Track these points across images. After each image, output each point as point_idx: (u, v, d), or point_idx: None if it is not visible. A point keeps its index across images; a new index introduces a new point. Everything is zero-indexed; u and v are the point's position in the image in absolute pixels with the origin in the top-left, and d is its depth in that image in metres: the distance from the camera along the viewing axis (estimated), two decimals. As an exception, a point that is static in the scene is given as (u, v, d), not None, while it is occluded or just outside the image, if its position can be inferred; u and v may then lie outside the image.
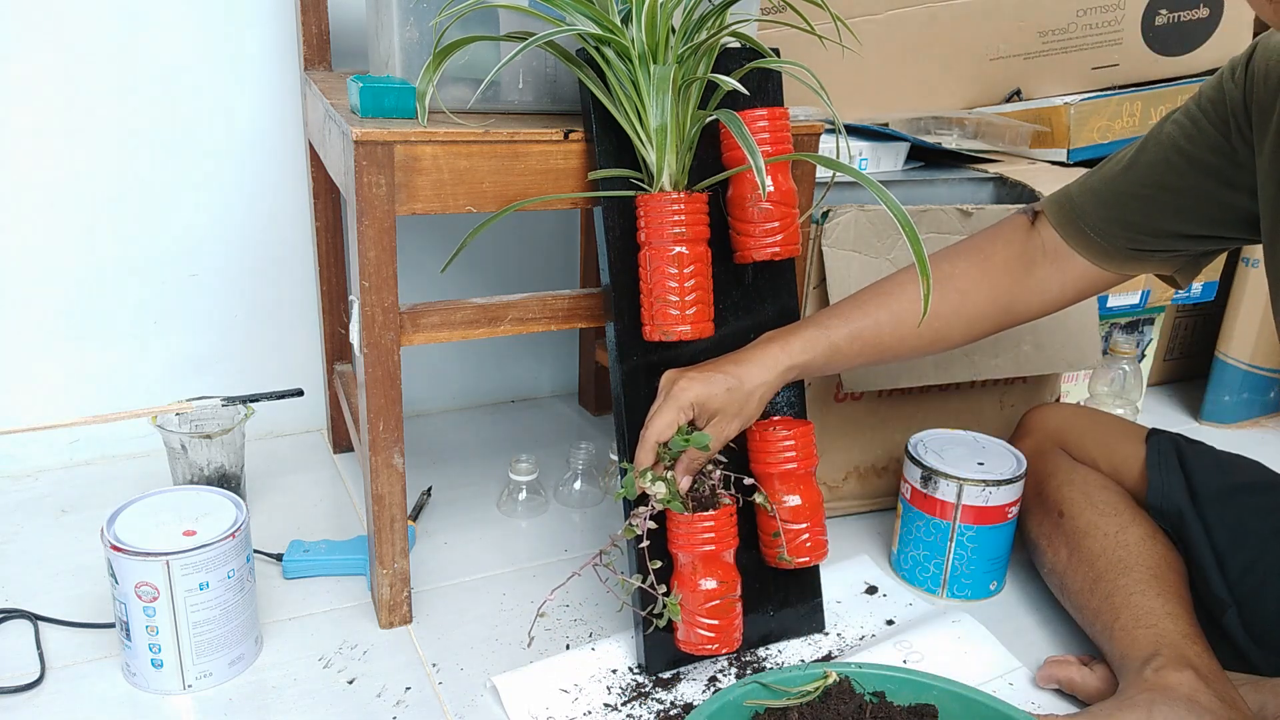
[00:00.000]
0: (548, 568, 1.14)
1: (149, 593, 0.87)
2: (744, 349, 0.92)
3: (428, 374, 1.53)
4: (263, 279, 1.36)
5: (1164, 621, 0.90)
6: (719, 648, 0.89)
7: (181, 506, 0.94)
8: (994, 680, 0.97)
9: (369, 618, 1.03)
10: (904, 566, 1.14)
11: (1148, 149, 0.91)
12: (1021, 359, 1.21)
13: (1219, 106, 0.86)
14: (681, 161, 0.87)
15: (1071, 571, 1.02)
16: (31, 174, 1.20)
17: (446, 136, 0.87)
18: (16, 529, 1.17)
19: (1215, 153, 0.86)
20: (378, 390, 0.92)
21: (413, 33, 0.91)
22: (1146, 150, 0.91)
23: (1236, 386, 1.60)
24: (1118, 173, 0.92)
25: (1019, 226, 0.96)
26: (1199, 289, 1.54)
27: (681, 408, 0.87)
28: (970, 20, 1.43)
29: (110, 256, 1.27)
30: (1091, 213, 0.93)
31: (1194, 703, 0.81)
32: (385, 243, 0.88)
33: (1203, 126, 0.87)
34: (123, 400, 1.32)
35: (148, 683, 0.90)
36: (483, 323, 0.96)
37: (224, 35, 1.24)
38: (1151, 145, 0.91)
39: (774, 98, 0.97)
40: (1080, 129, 1.39)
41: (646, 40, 0.82)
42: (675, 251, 0.86)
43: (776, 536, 0.94)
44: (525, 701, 0.90)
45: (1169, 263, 0.94)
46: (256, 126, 1.29)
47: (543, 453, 1.37)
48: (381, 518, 0.97)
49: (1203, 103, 0.88)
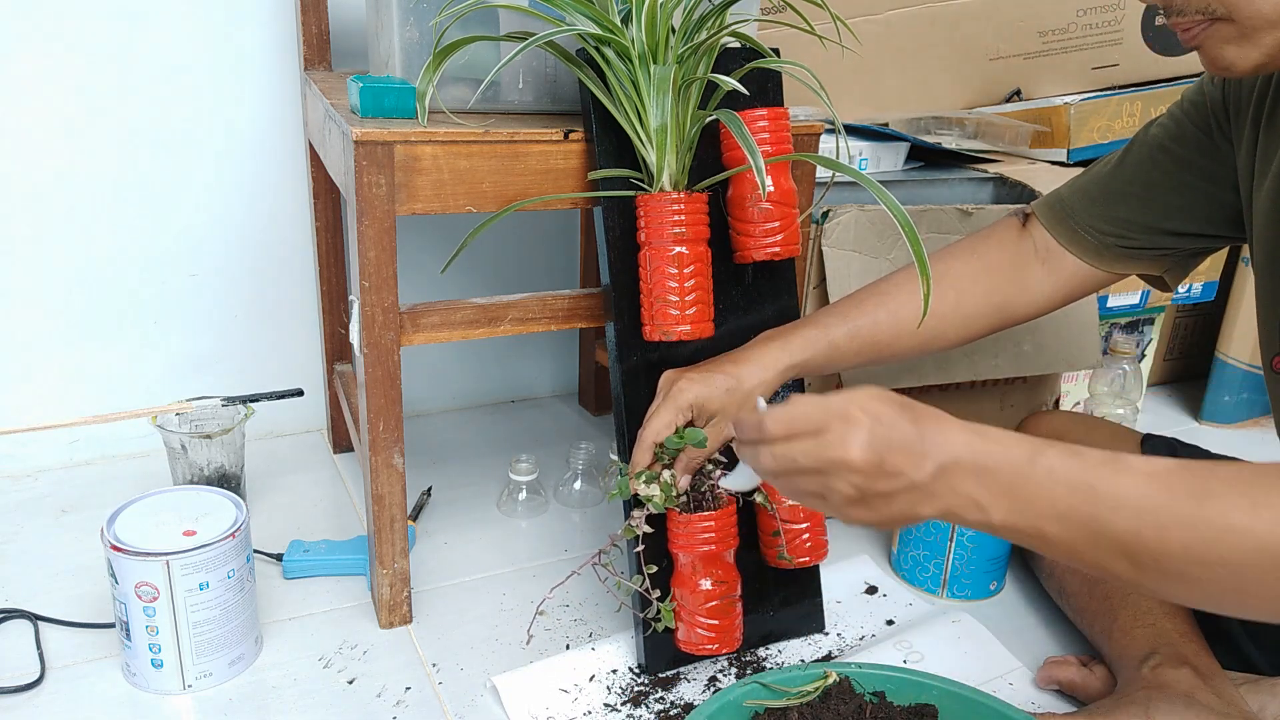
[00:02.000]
0: (548, 568, 1.14)
1: (149, 593, 0.87)
2: (742, 348, 0.92)
3: (428, 374, 1.53)
4: (263, 279, 1.36)
5: (1162, 620, 0.90)
6: (719, 648, 0.89)
7: (181, 506, 0.93)
8: (994, 680, 0.97)
9: (369, 618, 1.03)
10: (904, 566, 1.14)
11: (1134, 149, 0.94)
12: (1021, 359, 1.21)
13: (1200, 109, 0.89)
14: (681, 161, 0.87)
15: (1070, 574, 1.02)
16: (32, 174, 1.20)
17: (446, 136, 0.87)
18: (16, 529, 1.17)
19: (1199, 151, 0.89)
20: (378, 390, 0.92)
21: (413, 33, 0.91)
22: (1133, 151, 0.94)
23: (1236, 386, 1.60)
24: (1107, 172, 0.95)
25: (1010, 228, 0.98)
26: (1199, 289, 1.54)
27: (680, 408, 0.87)
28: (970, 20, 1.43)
29: (110, 256, 1.27)
30: (1082, 211, 0.94)
31: (1192, 700, 0.81)
32: (385, 243, 0.88)
33: (1186, 128, 0.90)
34: (123, 400, 1.32)
35: (148, 683, 0.90)
36: (483, 323, 0.96)
37: (224, 35, 1.24)
38: (1138, 146, 0.93)
39: (774, 98, 0.97)
40: (1080, 129, 1.39)
41: (646, 40, 0.82)
42: (675, 251, 0.86)
43: (776, 536, 0.94)
44: (525, 701, 0.90)
45: (1159, 262, 0.96)
46: (256, 126, 1.29)
47: (543, 453, 1.37)
48: (381, 518, 0.97)
49: (1185, 106, 0.91)
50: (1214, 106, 0.88)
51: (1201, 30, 0.69)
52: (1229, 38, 0.68)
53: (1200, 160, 0.89)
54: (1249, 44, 0.67)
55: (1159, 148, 0.91)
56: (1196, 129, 0.89)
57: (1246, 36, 0.67)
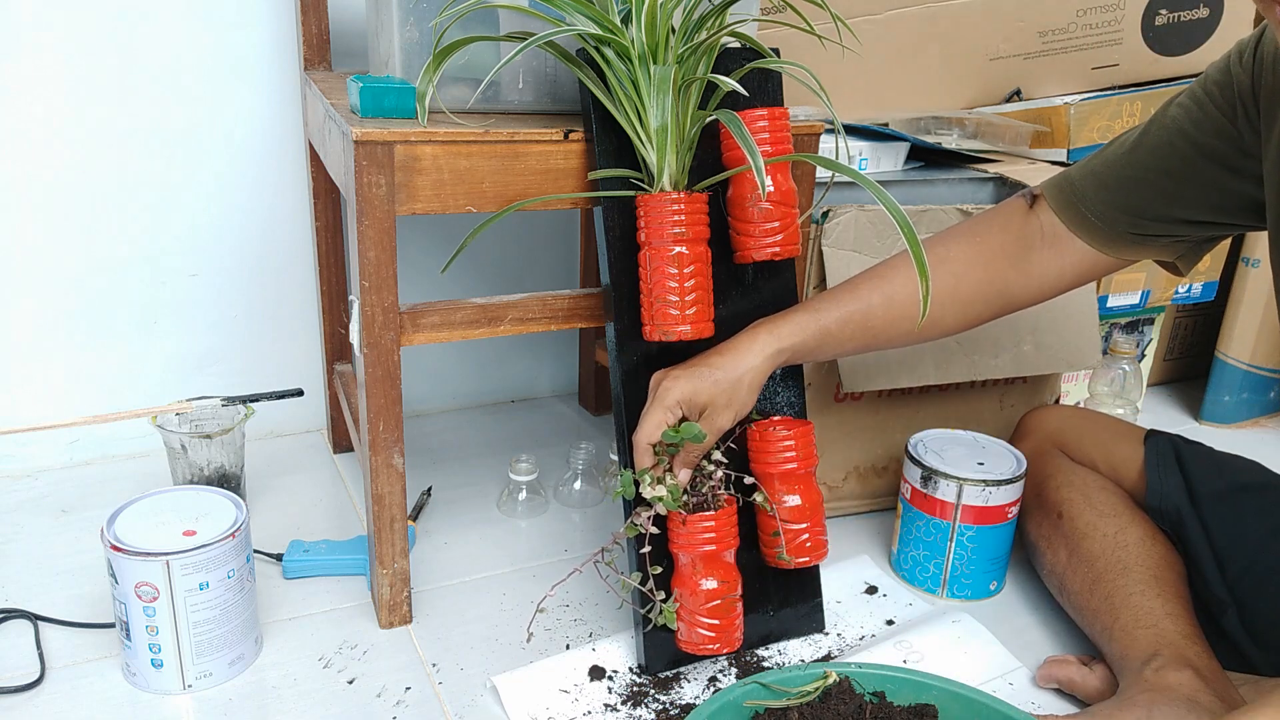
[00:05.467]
0: (548, 568, 1.14)
1: (149, 593, 0.87)
2: (732, 338, 0.91)
3: (428, 374, 1.53)
4: (263, 279, 1.36)
5: (1164, 622, 0.90)
6: (719, 648, 0.89)
7: (181, 506, 0.94)
8: (994, 680, 0.97)
9: (369, 618, 1.03)
10: (904, 566, 1.14)
11: (1151, 132, 0.89)
12: (1021, 359, 1.21)
13: (1225, 91, 0.85)
14: (681, 161, 0.87)
15: (1071, 573, 1.01)
16: (32, 173, 1.20)
17: (446, 136, 0.87)
18: (16, 529, 1.17)
19: (1220, 137, 0.85)
20: (378, 390, 0.92)
21: (413, 33, 0.91)
22: (1150, 134, 0.89)
23: (1236, 386, 1.60)
24: (1120, 156, 0.91)
25: (1016, 210, 0.95)
26: (1199, 289, 1.54)
27: (668, 407, 0.86)
28: (970, 20, 1.43)
29: (110, 256, 1.27)
30: (1093, 196, 0.91)
31: (1194, 703, 0.81)
32: (385, 243, 0.88)
33: (1208, 110, 0.86)
34: (123, 400, 1.32)
35: (148, 683, 0.90)
36: (483, 323, 0.96)
37: (224, 35, 1.24)
38: (1155, 129, 0.89)
39: (774, 98, 0.97)
40: (1080, 129, 1.39)
41: (646, 40, 0.82)
42: (675, 251, 0.86)
43: (776, 536, 0.94)
44: (525, 701, 0.90)
45: (1171, 248, 0.93)
46: (257, 126, 1.29)
47: (543, 453, 1.37)
48: (381, 518, 0.97)
49: (1209, 86, 0.86)
50: (1241, 91, 0.83)
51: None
52: None
53: (1221, 146, 0.85)
54: None
55: (1178, 131, 0.87)
56: (1220, 114, 0.85)
57: None
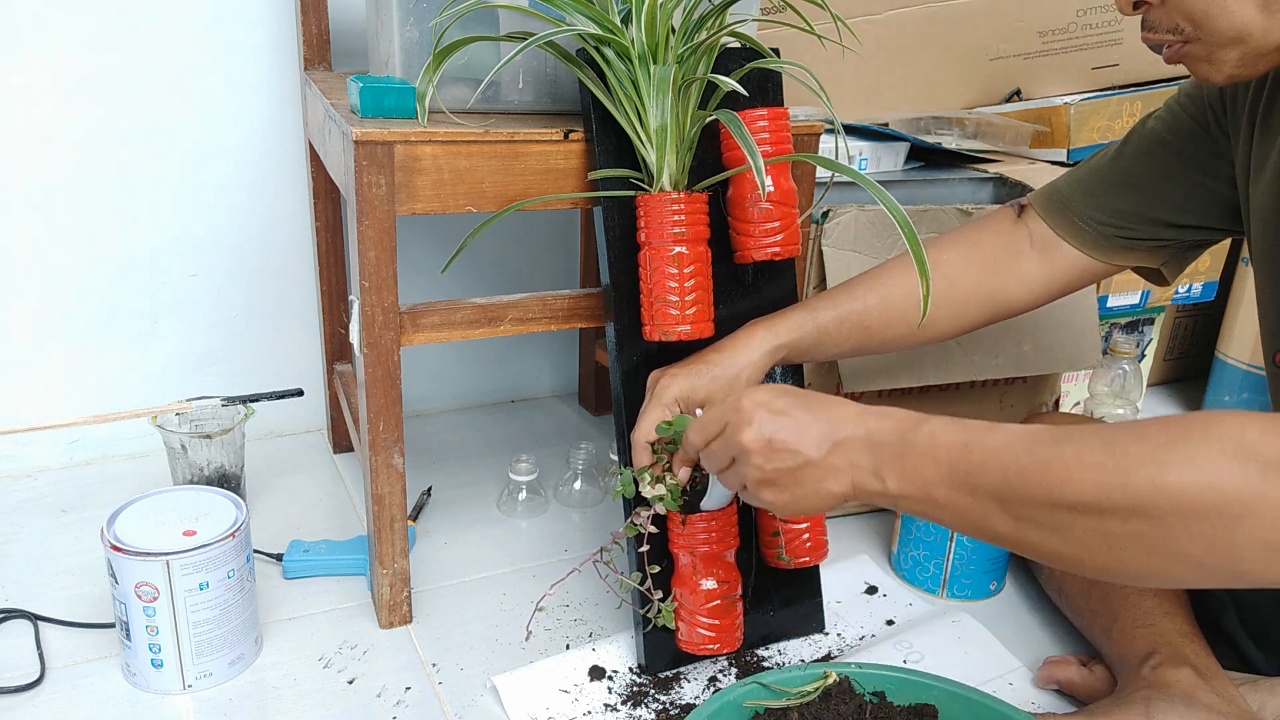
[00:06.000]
0: (548, 568, 1.14)
1: (149, 593, 0.87)
2: (729, 336, 0.92)
3: (428, 374, 1.53)
4: (263, 279, 1.36)
5: (1162, 620, 0.90)
6: (719, 648, 0.89)
7: (181, 506, 0.94)
8: (994, 680, 0.97)
9: (369, 618, 1.03)
10: (904, 566, 1.14)
11: (1131, 141, 0.94)
12: (1021, 359, 1.21)
13: (1197, 102, 0.90)
14: (681, 161, 0.87)
15: (1069, 575, 1.02)
16: (32, 173, 1.20)
17: (446, 136, 0.87)
18: (16, 529, 1.17)
19: (1196, 144, 0.90)
20: (378, 390, 0.92)
21: (413, 33, 0.91)
22: (1130, 143, 0.94)
23: (1236, 386, 1.60)
24: (1104, 164, 0.95)
25: (1005, 218, 0.98)
26: (1199, 289, 1.54)
27: (666, 405, 0.87)
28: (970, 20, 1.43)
29: (110, 256, 1.27)
30: (1080, 201, 0.95)
31: (1192, 700, 0.81)
32: (385, 243, 0.88)
33: (1183, 121, 0.91)
34: (123, 400, 1.32)
35: (148, 683, 0.90)
36: (483, 323, 0.96)
37: (224, 35, 1.24)
38: (1135, 138, 0.94)
39: (774, 98, 0.97)
40: (1080, 129, 1.39)
41: (646, 40, 0.82)
42: (675, 251, 0.86)
43: (776, 536, 0.94)
44: (525, 701, 0.90)
45: (1156, 253, 0.96)
46: (256, 126, 1.29)
47: (543, 453, 1.37)
48: (381, 518, 0.97)
49: (1182, 99, 0.92)
50: (1211, 100, 0.88)
51: (1176, 50, 0.74)
52: (1199, 56, 0.73)
53: (1197, 153, 0.90)
54: (1216, 62, 0.72)
55: (1157, 140, 0.92)
56: (1193, 122, 0.90)
57: (1212, 55, 0.72)
